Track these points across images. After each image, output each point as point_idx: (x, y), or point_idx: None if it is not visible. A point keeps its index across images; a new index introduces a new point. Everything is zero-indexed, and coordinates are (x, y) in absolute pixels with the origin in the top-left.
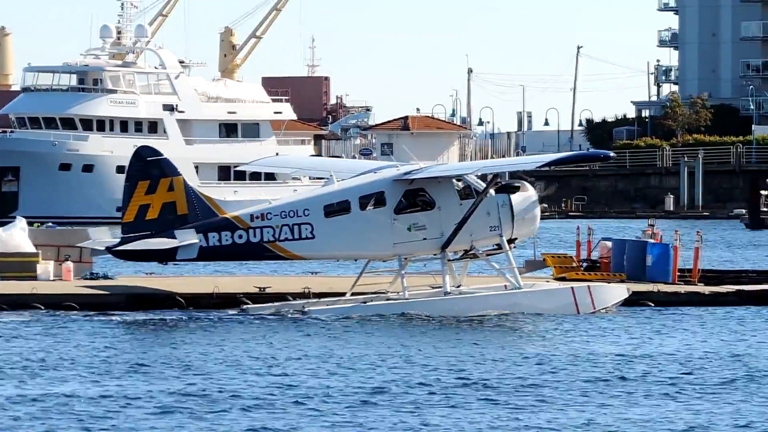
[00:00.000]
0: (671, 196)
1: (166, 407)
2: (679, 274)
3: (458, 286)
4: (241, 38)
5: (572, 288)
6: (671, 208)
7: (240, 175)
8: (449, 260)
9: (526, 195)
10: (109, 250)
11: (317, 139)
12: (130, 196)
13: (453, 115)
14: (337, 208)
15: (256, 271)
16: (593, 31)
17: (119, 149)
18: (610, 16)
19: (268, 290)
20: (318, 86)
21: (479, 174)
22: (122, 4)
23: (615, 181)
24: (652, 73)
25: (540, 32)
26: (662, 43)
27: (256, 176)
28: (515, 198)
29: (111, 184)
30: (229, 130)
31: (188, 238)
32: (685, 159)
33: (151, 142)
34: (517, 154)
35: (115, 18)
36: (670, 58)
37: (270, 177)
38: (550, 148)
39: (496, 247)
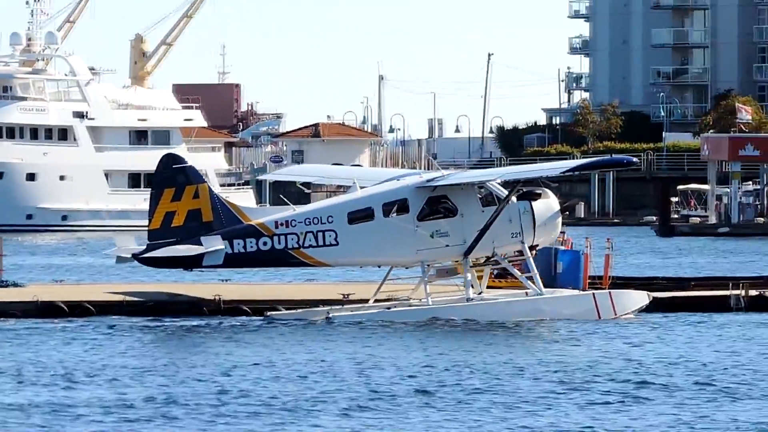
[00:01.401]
0: (582, 202)
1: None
2: (590, 280)
3: (480, 293)
4: (152, 45)
5: (593, 294)
6: (582, 215)
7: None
8: (471, 266)
9: (548, 202)
10: (135, 257)
11: (228, 146)
12: (156, 203)
13: (364, 122)
14: (360, 215)
15: (173, 279)
16: (504, 38)
17: (29, 156)
18: (522, 23)
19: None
20: (229, 93)
21: (502, 181)
22: (32, 11)
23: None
24: (563, 81)
25: (451, 39)
26: (573, 50)
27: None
28: (537, 205)
29: (21, 192)
30: (139, 137)
31: (214, 244)
32: None
33: (62, 149)
34: (429, 161)
35: (24, 25)
36: (581, 65)
37: None
38: (461, 155)
39: (517, 253)
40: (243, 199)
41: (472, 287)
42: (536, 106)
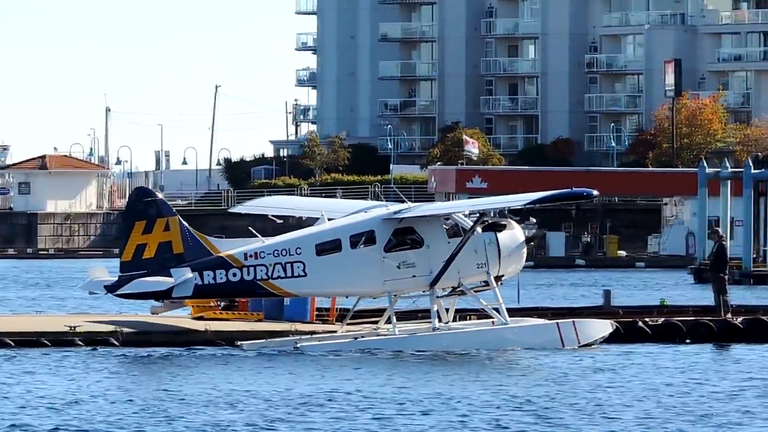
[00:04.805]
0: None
1: None
2: (317, 313)
3: (447, 323)
4: None
5: (557, 323)
6: None
7: None
8: (438, 297)
9: (513, 233)
10: (108, 290)
11: None
12: (127, 235)
13: (91, 154)
14: (328, 247)
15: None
16: (232, 69)
17: None
18: (249, 56)
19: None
20: None
21: (467, 213)
22: None
23: (253, 220)
24: (290, 113)
25: (178, 70)
26: (300, 82)
27: None
28: (502, 236)
29: None
30: None
31: (184, 276)
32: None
33: None
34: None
35: None
36: (309, 97)
37: None
38: (188, 187)
39: (483, 284)
40: None
41: (439, 317)
42: (264, 139)
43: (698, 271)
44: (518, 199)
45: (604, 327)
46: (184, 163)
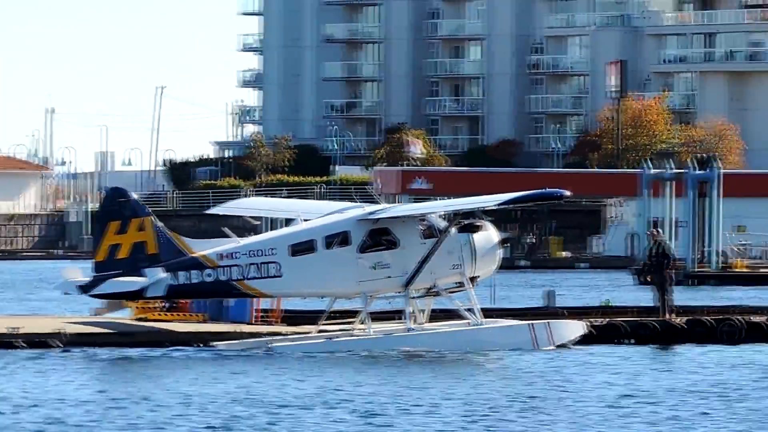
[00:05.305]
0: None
1: None
2: (262, 314)
3: (421, 324)
4: None
5: (531, 324)
6: None
7: None
8: (412, 297)
9: (487, 234)
10: (82, 290)
11: None
12: (101, 236)
13: (35, 155)
14: (303, 247)
15: None
16: (175, 71)
17: None
18: (193, 57)
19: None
20: None
21: (442, 214)
22: None
23: (198, 221)
24: (236, 114)
25: (122, 72)
26: (245, 83)
27: None
28: (476, 237)
29: None
30: None
31: (157, 276)
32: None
33: None
34: (100, 193)
35: None
36: (256, 98)
37: None
38: (131, 188)
39: (458, 285)
40: None
41: (414, 318)
42: (207, 140)
43: (640, 272)
44: (491, 200)
45: (578, 328)
46: (129, 164)
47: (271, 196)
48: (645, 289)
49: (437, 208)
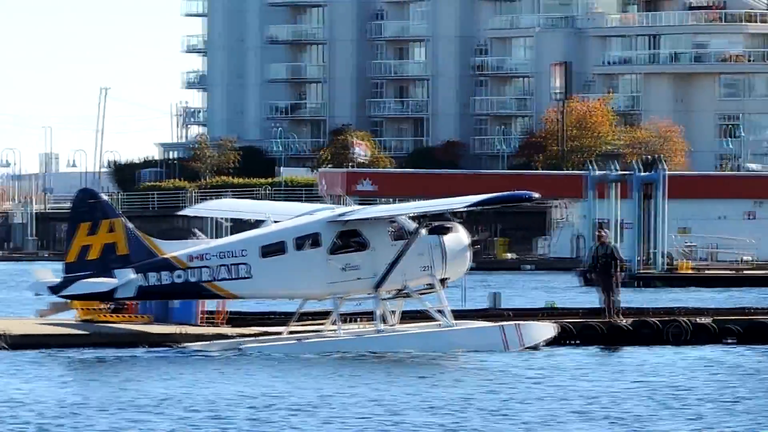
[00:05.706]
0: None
1: None
2: (207, 315)
3: (392, 325)
4: None
5: (502, 326)
6: None
7: None
8: (382, 299)
9: (458, 236)
10: (52, 291)
11: None
12: (72, 237)
13: None
14: (273, 249)
15: None
16: (120, 72)
17: None
18: (137, 58)
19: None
20: None
21: (411, 215)
22: None
23: (141, 222)
24: (180, 115)
25: (67, 73)
26: (189, 85)
27: None
28: (447, 239)
29: None
30: None
31: (126, 277)
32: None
33: None
34: (44, 195)
35: None
36: (200, 100)
37: None
38: (76, 190)
39: (428, 286)
40: None
41: (384, 319)
42: (152, 141)
43: (585, 273)
44: (461, 202)
45: (548, 330)
46: (73, 165)
47: (215, 197)
48: (591, 291)
49: (407, 209)
